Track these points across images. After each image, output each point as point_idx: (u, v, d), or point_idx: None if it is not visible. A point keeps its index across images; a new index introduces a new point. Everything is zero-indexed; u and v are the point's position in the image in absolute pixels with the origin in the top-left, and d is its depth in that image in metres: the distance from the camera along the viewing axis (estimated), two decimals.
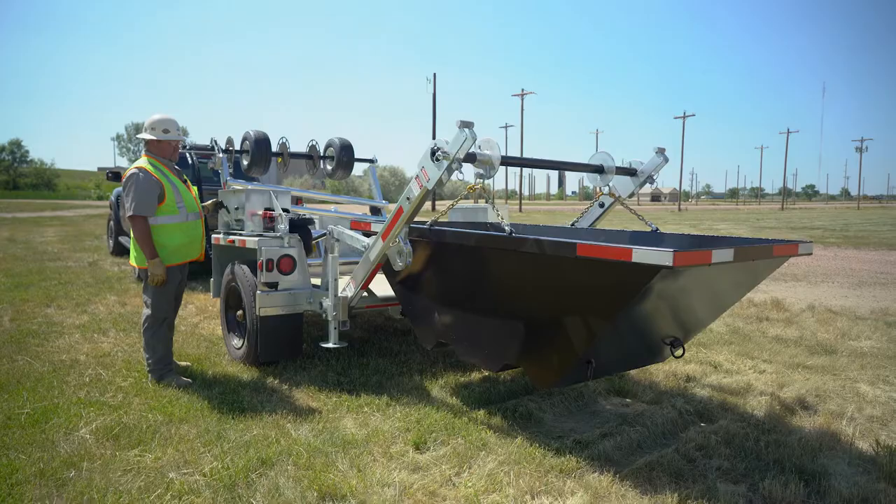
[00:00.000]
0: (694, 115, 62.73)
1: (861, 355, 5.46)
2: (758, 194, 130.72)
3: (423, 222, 4.17)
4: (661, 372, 4.86)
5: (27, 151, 72.56)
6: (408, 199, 3.81)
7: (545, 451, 3.36)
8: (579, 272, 3.16)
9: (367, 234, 4.42)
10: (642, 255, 2.79)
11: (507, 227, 3.59)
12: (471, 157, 3.59)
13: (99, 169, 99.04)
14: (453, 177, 3.68)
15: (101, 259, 11.66)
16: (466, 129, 3.42)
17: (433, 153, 3.57)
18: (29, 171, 71.37)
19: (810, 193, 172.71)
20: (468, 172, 3.72)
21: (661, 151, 4.53)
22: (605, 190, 4.51)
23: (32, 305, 7.15)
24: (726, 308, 3.98)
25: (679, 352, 3.87)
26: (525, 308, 3.60)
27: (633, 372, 4.81)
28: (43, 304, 7.22)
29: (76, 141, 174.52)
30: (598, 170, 4.41)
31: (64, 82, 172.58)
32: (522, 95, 54.02)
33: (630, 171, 4.58)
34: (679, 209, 58.45)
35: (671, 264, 2.71)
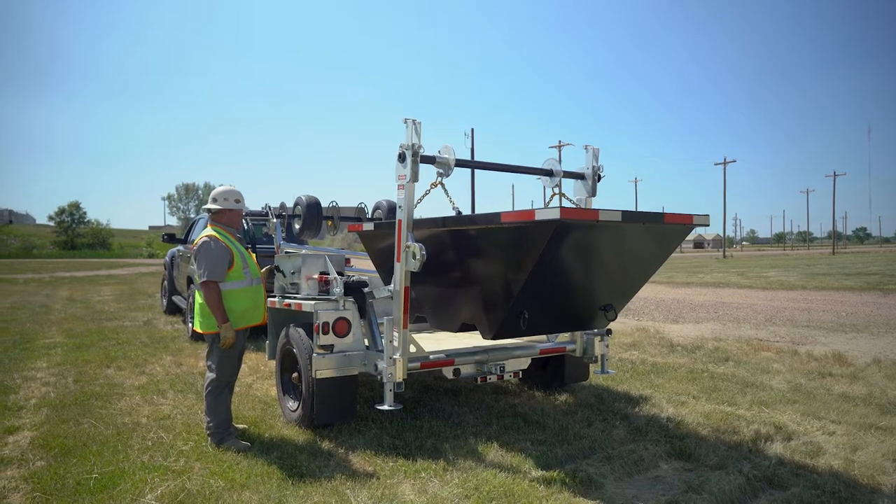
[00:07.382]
0: (735, 160, 61.95)
1: None
2: (806, 238, 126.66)
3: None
4: (722, 431, 4.70)
5: (85, 213, 75.97)
6: (400, 207, 4.28)
7: None
8: (503, 236, 3.95)
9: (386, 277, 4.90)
10: (541, 213, 3.58)
11: (455, 210, 4.45)
12: (431, 159, 4.26)
13: (150, 227, 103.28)
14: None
15: (155, 318, 12.04)
16: (410, 121, 4.13)
17: (399, 157, 4.19)
18: (86, 232, 74.40)
19: (862, 236, 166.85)
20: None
21: (588, 147, 4.97)
22: (556, 190, 4.91)
23: (94, 366, 7.40)
24: (646, 277, 4.62)
25: (611, 315, 4.61)
26: (470, 274, 4.38)
27: (693, 433, 4.67)
28: (103, 365, 7.47)
29: (128, 201, 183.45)
30: (548, 173, 4.88)
31: (118, 146, 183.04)
32: (560, 147, 54.47)
33: (578, 175, 4.99)
34: (724, 256, 57.17)
35: (559, 217, 3.46)
